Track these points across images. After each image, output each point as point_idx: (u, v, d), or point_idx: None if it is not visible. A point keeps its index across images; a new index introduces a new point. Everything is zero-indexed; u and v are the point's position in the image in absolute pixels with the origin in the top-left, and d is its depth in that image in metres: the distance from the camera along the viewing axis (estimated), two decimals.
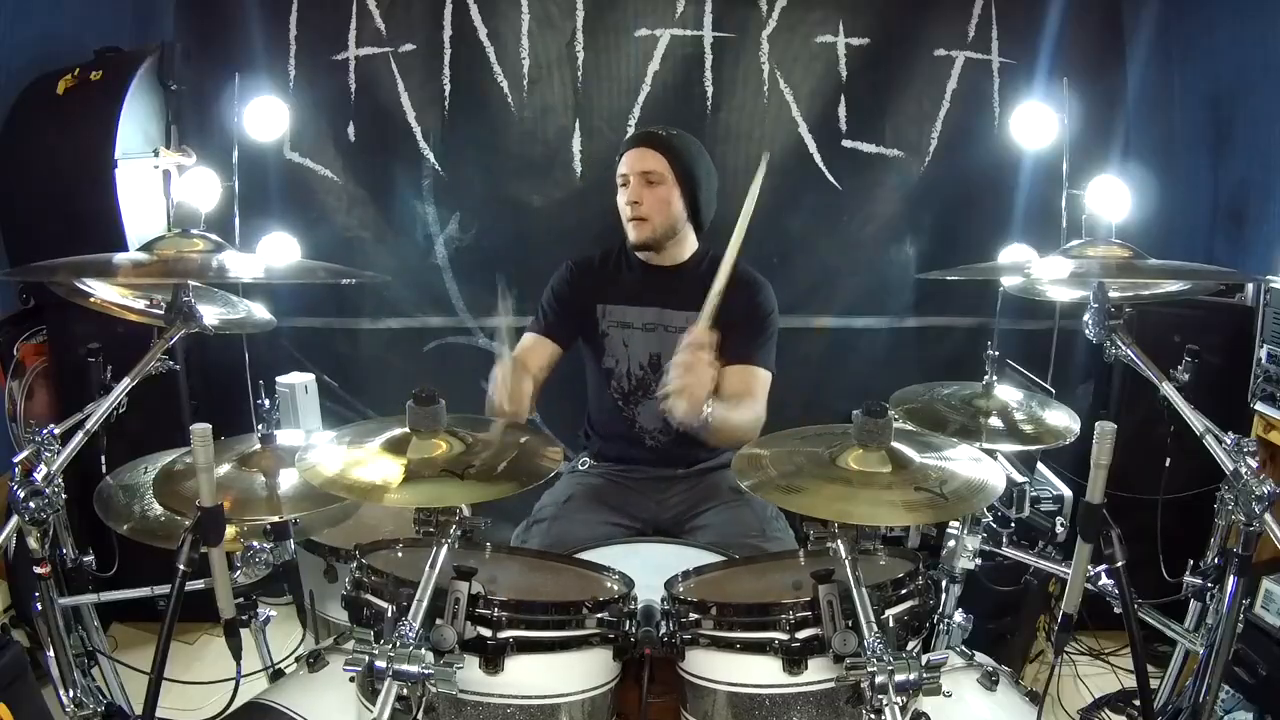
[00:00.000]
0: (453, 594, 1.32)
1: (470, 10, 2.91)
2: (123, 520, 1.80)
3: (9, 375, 2.54)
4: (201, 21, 2.92)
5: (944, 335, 3.13)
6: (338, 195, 3.00)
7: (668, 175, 2.24)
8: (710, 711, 1.45)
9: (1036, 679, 2.48)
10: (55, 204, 2.55)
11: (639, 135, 2.33)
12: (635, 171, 2.24)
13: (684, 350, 1.91)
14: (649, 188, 2.23)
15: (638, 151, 2.26)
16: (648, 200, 2.23)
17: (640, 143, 2.29)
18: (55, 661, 1.73)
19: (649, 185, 2.23)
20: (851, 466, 1.47)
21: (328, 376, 3.00)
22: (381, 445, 1.50)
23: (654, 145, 2.26)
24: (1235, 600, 1.60)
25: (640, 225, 2.25)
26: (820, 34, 2.95)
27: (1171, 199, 2.89)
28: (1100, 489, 1.34)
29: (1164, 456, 2.05)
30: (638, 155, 2.26)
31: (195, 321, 1.65)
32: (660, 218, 2.24)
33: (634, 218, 2.25)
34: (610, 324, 2.32)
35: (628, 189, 2.25)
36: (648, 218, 2.23)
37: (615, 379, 2.32)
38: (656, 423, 2.30)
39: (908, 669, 1.25)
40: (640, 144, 2.28)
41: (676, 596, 1.49)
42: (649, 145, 2.26)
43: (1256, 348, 2.36)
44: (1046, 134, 2.83)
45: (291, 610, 2.02)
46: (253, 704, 1.57)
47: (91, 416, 1.55)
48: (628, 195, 2.25)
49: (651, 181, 2.23)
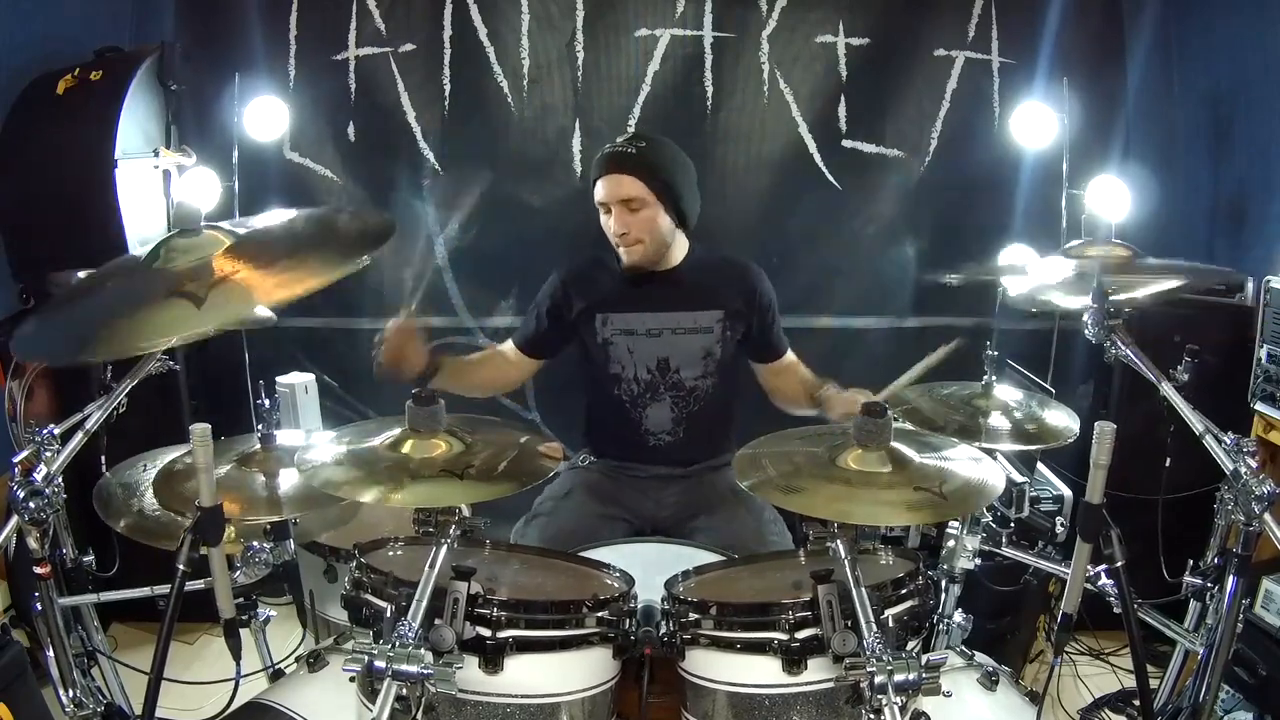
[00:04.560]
0: (452, 594, 1.31)
1: (470, 10, 2.92)
2: (121, 517, 1.80)
3: (9, 375, 2.53)
4: (201, 21, 2.92)
5: (944, 335, 3.10)
6: (338, 195, 3.01)
7: (648, 197, 2.14)
8: (710, 711, 1.45)
9: (1036, 679, 2.48)
10: (55, 204, 2.55)
11: (608, 158, 2.18)
12: (614, 200, 2.15)
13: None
14: (632, 214, 2.14)
15: (612, 179, 2.15)
16: (634, 226, 2.15)
17: (612, 167, 2.15)
18: (55, 661, 1.73)
19: (631, 212, 2.14)
20: (851, 466, 1.46)
21: (328, 376, 3.00)
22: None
23: (626, 168, 2.14)
24: (1235, 600, 1.60)
25: (633, 250, 2.19)
26: (820, 34, 2.95)
27: (1171, 199, 2.89)
28: (1100, 489, 1.34)
29: (1164, 456, 2.05)
30: (613, 183, 2.15)
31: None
32: (651, 238, 2.18)
33: (624, 245, 2.19)
34: (613, 332, 2.28)
35: (610, 217, 2.17)
36: (640, 240, 2.17)
37: (623, 384, 2.30)
38: (665, 423, 2.30)
39: (907, 669, 1.25)
40: (612, 169, 2.15)
41: (676, 596, 1.49)
42: (622, 170, 2.14)
43: (1256, 348, 2.35)
44: (1046, 134, 2.84)
45: (291, 610, 2.02)
46: (253, 704, 1.57)
47: (91, 416, 1.55)
48: (613, 225, 2.17)
49: (633, 208, 2.14)
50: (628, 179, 2.14)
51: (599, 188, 2.18)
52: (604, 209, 2.20)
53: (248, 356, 2.77)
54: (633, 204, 2.14)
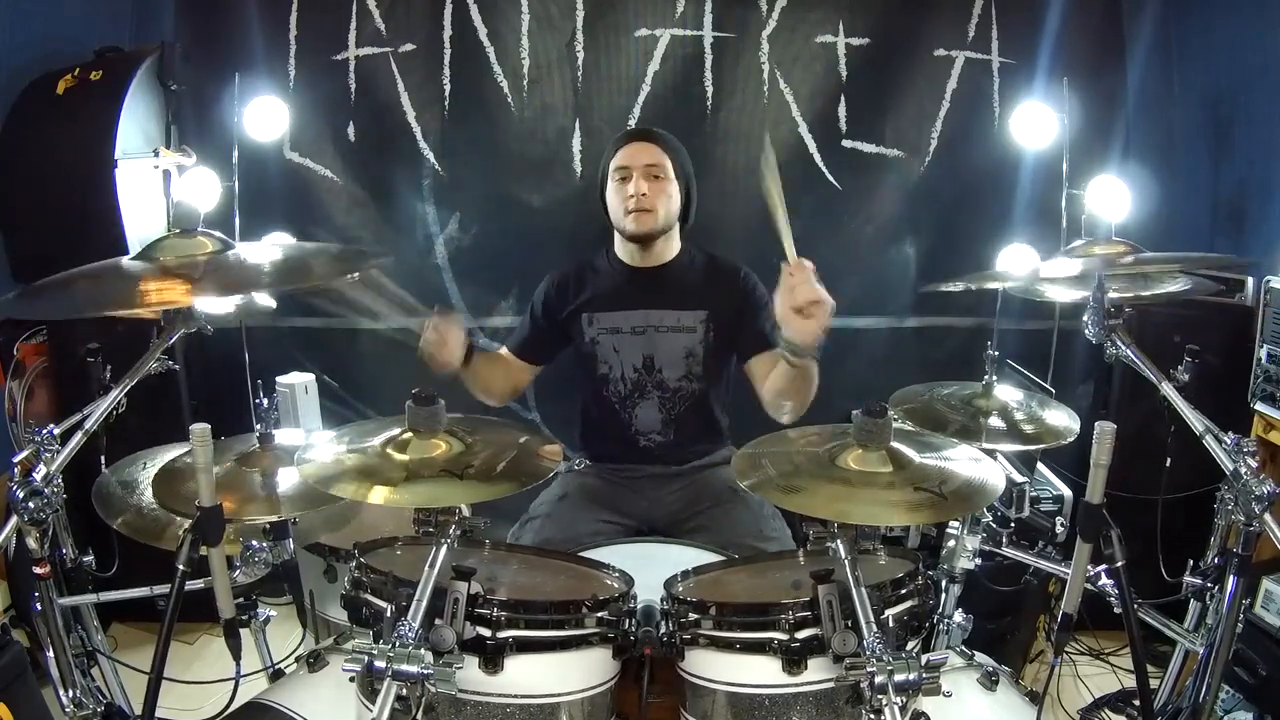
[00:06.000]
0: (452, 594, 1.32)
1: (470, 10, 2.92)
2: (117, 514, 1.79)
3: (9, 375, 2.54)
4: (201, 21, 2.92)
5: (944, 335, 3.13)
6: (338, 195, 3.01)
7: (669, 170, 2.25)
8: (710, 711, 1.45)
9: (1036, 679, 2.48)
10: (55, 204, 2.55)
11: (634, 131, 2.32)
12: (639, 165, 2.23)
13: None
14: (653, 181, 2.23)
15: (638, 145, 2.26)
16: (653, 192, 2.22)
17: (639, 137, 2.29)
18: (55, 661, 1.73)
19: (654, 179, 2.23)
20: (851, 466, 1.47)
21: (328, 376, 3.00)
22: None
23: (654, 140, 2.27)
24: (1235, 600, 1.60)
25: (644, 217, 2.22)
26: (820, 34, 2.95)
27: (1171, 198, 2.89)
28: (1100, 489, 1.34)
29: (1164, 456, 2.05)
30: (639, 149, 2.25)
31: (194, 321, 1.65)
32: (664, 209, 2.23)
33: (638, 209, 2.22)
34: (599, 331, 2.30)
35: (628, 183, 2.23)
36: (653, 208, 2.22)
37: (610, 384, 2.31)
38: (654, 424, 2.31)
39: (907, 669, 1.25)
40: (639, 138, 2.29)
41: (676, 596, 1.49)
42: (649, 140, 2.27)
43: (1256, 348, 2.35)
44: (1046, 134, 2.83)
45: (291, 610, 2.02)
46: (253, 704, 1.57)
47: (91, 416, 1.54)
48: (631, 188, 2.22)
49: (656, 176, 2.23)
50: (654, 148, 2.26)
51: (621, 154, 2.26)
52: (622, 174, 2.25)
53: (248, 356, 2.77)
54: (655, 170, 2.23)
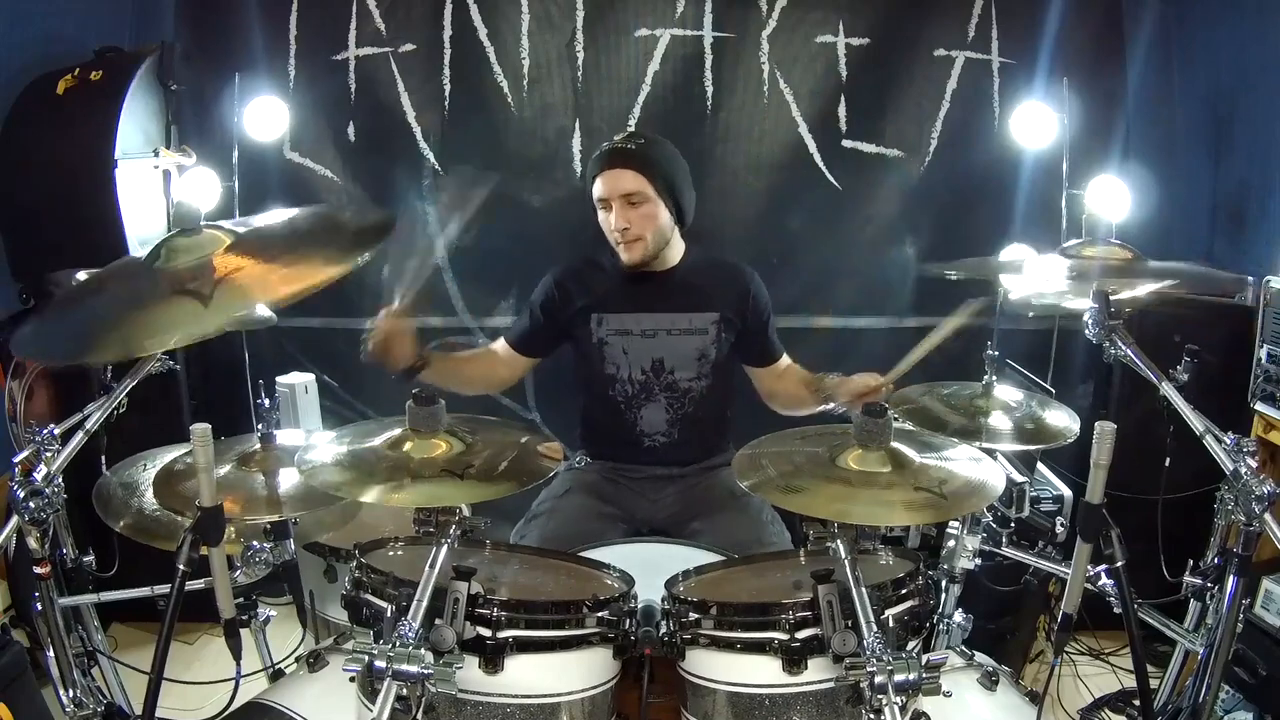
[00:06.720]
0: (452, 594, 1.31)
1: (470, 10, 2.92)
2: (120, 517, 1.80)
3: (9, 375, 2.53)
4: (201, 21, 2.92)
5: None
6: (338, 195, 3.00)
7: (649, 192, 2.14)
8: (710, 711, 1.45)
9: (1036, 679, 2.48)
10: (55, 204, 2.55)
11: (607, 154, 2.18)
12: (615, 196, 2.14)
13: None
14: (633, 209, 2.14)
15: (612, 174, 2.14)
16: (635, 221, 2.15)
17: (612, 163, 2.15)
18: (55, 661, 1.73)
19: (632, 206, 2.14)
20: (851, 466, 1.47)
21: (328, 376, 3.00)
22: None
23: (627, 163, 2.14)
24: (1235, 600, 1.60)
25: (633, 247, 2.17)
26: (820, 34, 2.95)
27: (1171, 199, 2.89)
28: (1100, 489, 1.34)
29: (1164, 456, 2.05)
30: (614, 177, 2.14)
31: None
32: (652, 235, 2.17)
33: (625, 241, 2.17)
34: (608, 332, 2.28)
35: (610, 214, 2.16)
36: (640, 237, 2.16)
37: (617, 385, 2.30)
38: (660, 425, 2.30)
39: (907, 669, 1.25)
40: (613, 164, 2.15)
41: (676, 596, 1.49)
42: (622, 165, 2.14)
43: (1256, 348, 2.36)
44: (1046, 134, 2.84)
45: (291, 610, 2.02)
46: (253, 704, 1.57)
47: (91, 416, 1.55)
48: (613, 221, 2.15)
49: (634, 203, 2.14)
50: (628, 173, 2.14)
51: (598, 184, 2.18)
52: (603, 206, 2.19)
53: (248, 356, 2.77)
54: (633, 198, 2.14)
